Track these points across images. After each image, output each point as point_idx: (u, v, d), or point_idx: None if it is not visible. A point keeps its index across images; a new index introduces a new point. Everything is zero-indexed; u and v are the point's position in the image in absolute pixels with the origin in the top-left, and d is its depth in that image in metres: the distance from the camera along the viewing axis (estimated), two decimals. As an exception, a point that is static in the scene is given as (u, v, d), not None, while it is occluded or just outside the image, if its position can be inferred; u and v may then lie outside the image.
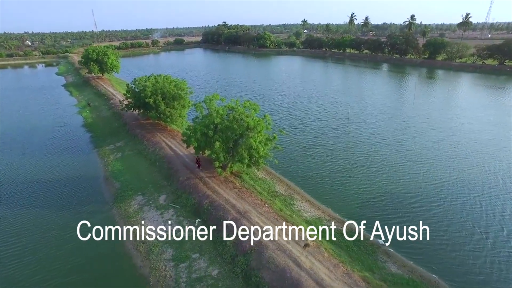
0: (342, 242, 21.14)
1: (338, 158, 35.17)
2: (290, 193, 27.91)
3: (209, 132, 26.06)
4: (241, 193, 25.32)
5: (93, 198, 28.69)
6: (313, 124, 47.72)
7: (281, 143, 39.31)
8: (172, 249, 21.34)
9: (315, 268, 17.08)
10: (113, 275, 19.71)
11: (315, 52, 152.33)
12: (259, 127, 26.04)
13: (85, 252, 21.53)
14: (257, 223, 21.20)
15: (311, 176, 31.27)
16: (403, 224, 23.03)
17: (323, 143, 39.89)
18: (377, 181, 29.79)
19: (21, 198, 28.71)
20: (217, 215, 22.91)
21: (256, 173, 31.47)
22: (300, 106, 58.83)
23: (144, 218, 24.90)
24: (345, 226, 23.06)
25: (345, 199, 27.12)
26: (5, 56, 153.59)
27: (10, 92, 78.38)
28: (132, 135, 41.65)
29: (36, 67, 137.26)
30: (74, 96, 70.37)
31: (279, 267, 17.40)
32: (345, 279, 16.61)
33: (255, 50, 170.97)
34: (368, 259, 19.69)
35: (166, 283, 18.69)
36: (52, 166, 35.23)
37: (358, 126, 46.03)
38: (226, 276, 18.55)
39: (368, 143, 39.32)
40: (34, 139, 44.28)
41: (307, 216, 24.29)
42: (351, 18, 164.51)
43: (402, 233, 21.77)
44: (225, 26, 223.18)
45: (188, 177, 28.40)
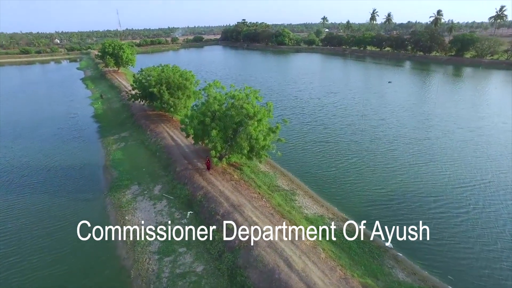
0: (344, 243, 18.87)
1: (351, 155, 32.49)
2: (293, 188, 25.84)
3: (206, 119, 24.50)
4: (238, 186, 23.56)
5: (90, 186, 27.95)
6: (327, 120, 45.09)
7: (291, 138, 37.48)
8: (159, 242, 19.91)
9: (308, 270, 15.03)
10: (94, 265, 18.49)
11: (335, 49, 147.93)
12: (260, 115, 24.15)
13: (71, 240, 20.49)
14: (249, 218, 19.37)
15: (319, 173, 28.93)
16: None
17: (336, 139, 37.27)
18: (393, 182, 26.86)
19: (21, 183, 28.41)
20: (209, 208, 21.29)
21: (258, 166, 29.61)
22: (316, 102, 56.23)
23: (136, 208, 23.72)
24: (349, 226, 20.75)
25: (354, 199, 24.63)
26: (34, 53, 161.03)
27: (34, 85, 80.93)
28: (137, 125, 40.99)
29: (61, 62, 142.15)
30: (90, 88, 71.39)
31: (267, 267, 15.49)
32: (341, 285, 14.45)
33: (273, 47, 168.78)
34: (372, 263, 17.35)
35: (147, 277, 17.26)
36: (57, 154, 35.00)
37: (377, 123, 42.84)
38: (211, 274, 16.86)
39: (385, 141, 36.29)
40: (45, 128, 44.63)
41: (307, 213, 22.16)
42: (372, 15, 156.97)
43: (417, 240, 19.30)
44: (244, 23, 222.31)
45: (185, 167, 26.99)
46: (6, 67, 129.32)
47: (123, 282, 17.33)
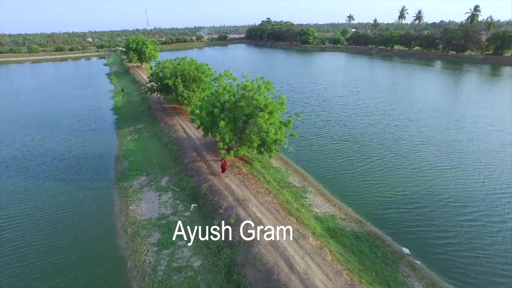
0: (355, 246, 17.23)
1: (371, 155, 30.22)
2: (305, 186, 24.37)
3: (215, 110, 23.59)
4: (245, 180, 22.45)
5: (100, 176, 27.99)
6: (348, 118, 42.80)
7: (308, 135, 35.91)
8: (159, 233, 19.26)
9: (310, 273, 13.62)
10: (93, 255, 18.06)
11: (360, 48, 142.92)
12: (271, 106, 22.91)
13: (74, 228, 20.37)
14: (253, 213, 18.19)
15: (335, 172, 27.04)
16: (445, 240, 18.27)
17: (356, 138, 35.05)
18: (417, 185, 24.45)
19: (37, 170, 28.98)
20: (212, 201, 20.35)
21: (270, 162, 28.38)
22: (337, 100, 53.89)
23: (142, 199, 23.28)
24: (362, 228, 19.04)
25: (371, 201, 22.63)
26: (67, 50, 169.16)
27: (64, 79, 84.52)
28: (153, 118, 41.03)
29: (90, 59, 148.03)
30: (113, 83, 73.21)
31: (266, 266, 14.25)
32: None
33: (297, 46, 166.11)
34: (385, 269, 15.61)
35: (143, 269, 16.58)
36: (73, 144, 35.60)
37: (402, 123, 39.99)
38: (208, 270, 15.87)
39: (410, 141, 33.59)
40: (66, 119, 45.90)
41: (318, 212, 20.64)
42: (401, 13, 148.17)
43: (441, 249, 17.32)
44: (269, 22, 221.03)
45: (193, 159, 26.27)
46: (43, 63, 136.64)
47: (119, 273, 16.76)
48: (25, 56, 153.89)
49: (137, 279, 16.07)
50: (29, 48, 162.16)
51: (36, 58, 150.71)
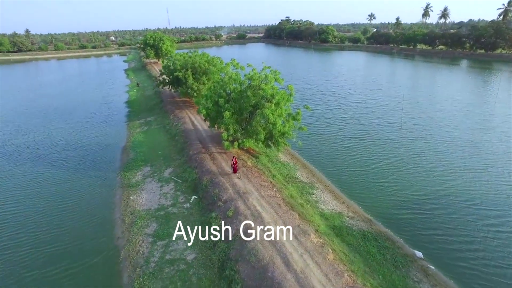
0: (362, 246, 15.82)
1: (387, 154, 28.23)
2: (312, 181, 23.06)
3: (220, 100, 22.71)
4: (248, 173, 21.44)
5: (106, 166, 27.84)
6: (365, 116, 40.70)
7: (321, 131, 34.45)
8: (157, 224, 18.60)
9: (307, 272, 12.41)
10: (88, 244, 17.60)
11: (381, 48, 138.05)
12: (278, 97, 21.77)
13: (74, 216, 20.06)
14: (252, 206, 17.15)
15: (347, 170, 25.37)
16: (465, 246, 16.46)
17: (372, 136, 32.96)
18: (438, 188, 22.24)
19: (47, 159, 29.25)
20: (212, 193, 19.47)
21: (278, 156, 27.23)
22: (355, 97, 51.70)
23: (143, 189, 22.78)
24: (371, 227, 17.56)
25: (384, 201, 20.86)
26: (90, 48, 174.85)
27: (85, 74, 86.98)
28: (164, 111, 40.84)
29: (112, 56, 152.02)
30: (129, 78, 74.28)
31: (261, 262, 13.17)
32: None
33: (316, 45, 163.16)
34: (394, 273, 14.13)
35: (135, 260, 15.92)
36: (84, 135, 35.86)
37: (424, 122, 37.35)
38: (201, 264, 14.98)
39: (431, 141, 31.13)
40: (81, 111, 46.65)
41: (324, 209, 19.31)
42: (425, 11, 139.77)
43: (462, 257, 15.64)
44: (288, 21, 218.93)
45: (198, 151, 25.55)
46: (67, 60, 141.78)
47: (112, 262, 16.19)
48: (52, 54, 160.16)
49: (128, 269, 15.43)
50: (56, 46, 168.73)
51: (61, 56, 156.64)
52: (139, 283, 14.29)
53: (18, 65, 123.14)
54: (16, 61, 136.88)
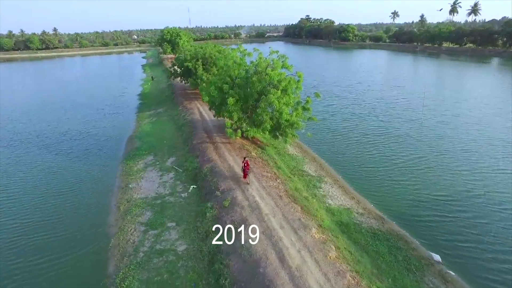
0: (371, 246, 14.11)
1: (407, 152, 25.88)
2: (321, 175, 21.43)
3: (224, 86, 21.51)
4: (251, 163, 20.04)
5: (111, 154, 27.40)
6: (384, 112, 38.20)
7: (337, 127, 32.61)
8: (151, 212, 17.66)
9: (304, 270, 10.93)
10: (79, 231, 16.87)
11: (404, 46, 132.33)
12: (285, 83, 20.30)
13: (70, 204, 19.42)
14: (251, 197, 15.82)
15: (361, 167, 23.34)
16: (493, 255, 14.29)
17: (391, 133, 30.65)
18: (461, 188, 19.85)
19: (55, 147, 29.21)
20: (211, 182, 18.30)
21: (286, 149, 25.76)
22: (374, 94, 48.91)
23: (143, 178, 21.98)
24: (382, 225, 15.80)
25: (401, 200, 18.82)
26: (112, 45, 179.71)
27: (104, 69, 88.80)
28: (174, 102, 40.31)
29: (133, 53, 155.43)
30: (146, 72, 74.90)
31: (253, 257, 11.81)
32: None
33: (335, 43, 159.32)
34: (406, 277, 12.36)
35: (124, 249, 14.99)
36: (94, 125, 35.79)
37: (449, 119, 34.29)
38: (191, 256, 13.82)
39: (457, 140, 28.34)
40: (95, 103, 47.01)
41: (331, 204, 17.68)
42: (453, 7, 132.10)
43: (484, 264, 13.72)
44: (308, 19, 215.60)
45: (202, 140, 24.51)
46: (90, 56, 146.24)
47: (101, 250, 15.34)
48: (76, 51, 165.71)
49: (116, 258, 14.50)
50: (80, 43, 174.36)
51: (85, 53, 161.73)
52: (124, 273, 13.30)
53: (46, 61, 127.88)
54: (44, 58, 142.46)
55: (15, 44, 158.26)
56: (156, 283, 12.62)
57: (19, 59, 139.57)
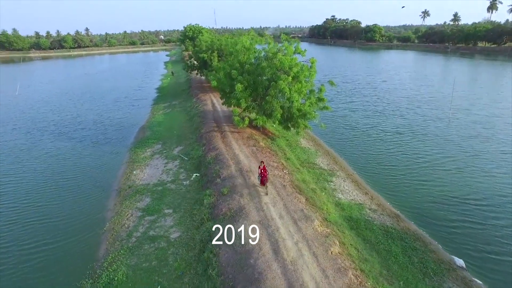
0: (382, 244, 12.53)
1: (432, 151, 23.48)
2: (333, 169, 19.91)
3: (233, 72, 20.54)
4: (258, 152, 18.98)
5: (121, 142, 27.30)
6: (409, 111, 35.54)
7: (357, 124, 30.66)
8: (151, 198, 17.01)
9: (299, 264, 9.64)
10: (77, 213, 16.53)
11: (433, 46, 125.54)
12: (296, 68, 19.01)
13: (73, 189, 19.09)
14: (252, 185, 14.66)
15: (380, 165, 21.29)
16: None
17: (417, 131, 28.22)
18: (497, 192, 17.57)
19: (69, 134, 29.63)
20: (214, 169, 17.36)
21: (299, 142, 24.40)
22: (400, 93, 45.91)
23: (148, 165, 21.49)
24: (397, 224, 14.12)
25: (420, 200, 16.85)
26: (139, 44, 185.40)
27: (128, 66, 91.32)
28: (189, 95, 40.04)
29: (158, 52, 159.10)
30: (167, 69, 75.84)
31: (246, 247, 10.66)
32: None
33: (361, 44, 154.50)
34: (421, 281, 10.72)
35: (118, 233, 14.38)
36: (109, 116, 36.02)
37: (483, 119, 31.26)
38: (183, 243, 12.91)
39: (492, 140, 25.38)
40: (113, 94, 47.92)
41: (341, 198, 16.18)
42: (492, 3, 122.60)
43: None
44: (333, 20, 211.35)
45: (210, 129, 23.72)
46: (118, 54, 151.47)
47: (95, 233, 14.82)
48: (105, 49, 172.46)
49: (108, 242, 13.90)
50: (109, 42, 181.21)
51: (113, 51, 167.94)
52: (113, 257, 12.65)
53: (77, 59, 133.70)
54: (76, 56, 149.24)
55: (51, 44, 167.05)
56: (143, 270, 11.81)
57: (54, 57, 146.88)
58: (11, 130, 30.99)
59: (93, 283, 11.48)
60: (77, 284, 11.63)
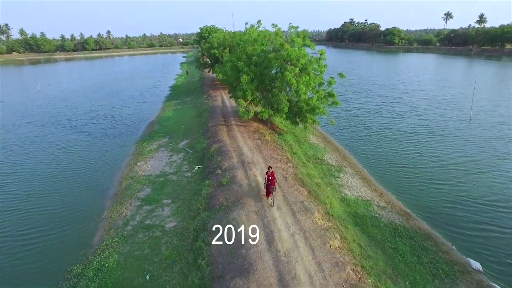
0: (389, 242, 11.59)
1: (452, 153, 21.98)
2: (341, 165, 19.00)
3: (239, 64, 20.08)
4: (262, 145, 18.38)
5: (129, 136, 27.45)
6: (429, 112, 33.84)
7: (370, 124, 29.52)
8: (151, 189, 16.73)
9: (293, 256, 8.92)
10: (78, 201, 16.48)
11: (456, 49, 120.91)
12: (304, 60, 18.32)
13: (76, 179, 19.05)
14: (253, 176, 14.08)
15: (392, 164, 20.12)
16: None
17: (436, 132, 26.65)
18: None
19: (81, 128, 30.08)
20: (215, 161, 16.88)
21: (308, 138, 23.61)
22: (417, 94, 43.76)
23: (153, 157, 21.32)
24: (407, 222, 13.11)
25: (436, 201, 15.59)
26: (157, 46, 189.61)
27: (145, 65, 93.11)
28: (201, 92, 39.99)
29: (176, 54, 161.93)
30: (183, 69, 76.68)
31: (238, 236, 10.04)
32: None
33: (379, 47, 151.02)
34: (431, 283, 9.75)
35: (114, 221, 14.13)
36: (121, 112, 36.46)
37: (510, 120, 29.47)
38: (178, 233, 12.46)
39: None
40: (127, 92, 48.70)
41: (348, 194, 15.29)
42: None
43: None
44: (352, 23, 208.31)
45: (217, 123, 23.35)
46: (137, 56, 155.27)
47: (92, 220, 14.62)
48: (125, 51, 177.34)
49: (103, 229, 13.65)
50: (129, 45, 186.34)
51: (133, 53, 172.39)
52: (107, 244, 12.35)
53: (98, 60, 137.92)
54: (97, 57, 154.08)
55: (75, 46, 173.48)
56: (134, 258, 11.42)
57: (77, 58, 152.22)
58: (26, 124, 31.79)
59: (84, 269, 11.20)
60: (67, 269, 11.37)
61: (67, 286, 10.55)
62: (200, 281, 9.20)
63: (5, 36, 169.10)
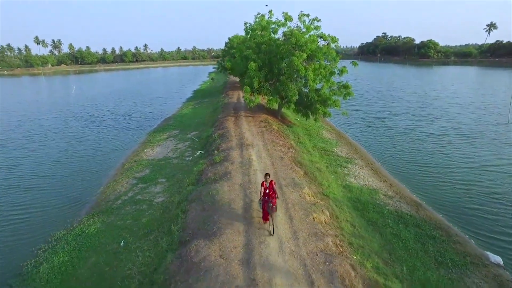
0: (390, 228, 10.21)
1: (482, 154, 19.70)
2: (352, 157, 17.67)
3: (248, 52, 19.76)
4: (266, 132, 17.65)
5: (143, 129, 27.87)
6: (458, 116, 30.98)
7: (394, 125, 27.57)
8: (150, 170, 16.58)
9: (268, 248, 7.99)
10: (80, 178, 16.70)
11: (500, 62, 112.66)
12: (312, 46, 17.58)
13: (84, 163, 19.35)
14: (248, 155, 13.35)
15: (408, 162, 18.23)
16: None
17: (466, 134, 24.33)
18: None
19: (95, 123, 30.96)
20: (215, 144, 16.41)
21: (320, 133, 22.46)
22: (451, 100, 40.48)
23: (160, 145, 21.40)
24: (417, 212, 11.58)
25: (456, 197, 13.65)
26: (190, 59, 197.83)
27: (175, 75, 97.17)
28: (220, 93, 40.29)
29: (207, 65, 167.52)
30: (209, 76, 78.51)
31: (215, 204, 9.32)
32: (310, 262, 6.79)
33: (413, 60, 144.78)
34: (433, 270, 8.27)
35: (107, 196, 14.05)
36: (141, 109, 37.54)
37: None
38: (163, 206, 12.00)
39: None
40: (151, 95, 50.45)
41: (353, 182, 14.00)
42: None
43: None
44: (384, 37, 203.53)
45: (227, 115, 23.04)
46: (171, 68, 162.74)
47: (88, 194, 14.66)
48: (160, 63, 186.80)
49: (94, 203, 13.53)
50: (163, 57, 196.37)
51: (166, 65, 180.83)
52: (94, 214, 12.17)
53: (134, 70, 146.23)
54: (134, 68, 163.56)
55: (114, 58, 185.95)
56: (115, 226, 11.08)
57: (115, 69, 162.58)
58: (53, 118, 33.66)
59: (66, 234, 11.02)
60: (51, 234, 11.25)
61: (45, 247, 10.38)
62: (169, 246, 8.53)
63: (57, 50, 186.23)
